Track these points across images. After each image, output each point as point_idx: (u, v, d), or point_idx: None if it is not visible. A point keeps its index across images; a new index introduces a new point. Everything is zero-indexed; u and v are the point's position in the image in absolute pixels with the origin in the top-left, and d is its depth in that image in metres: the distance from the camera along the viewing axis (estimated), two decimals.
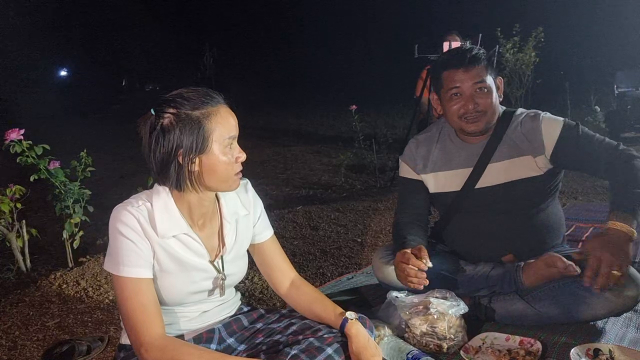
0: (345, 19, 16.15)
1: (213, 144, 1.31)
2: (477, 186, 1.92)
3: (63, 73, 15.44)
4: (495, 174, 1.90)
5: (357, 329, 1.43)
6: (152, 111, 1.31)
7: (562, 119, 1.88)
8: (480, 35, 4.58)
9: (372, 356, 1.42)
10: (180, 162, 1.31)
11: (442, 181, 2.00)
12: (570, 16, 11.42)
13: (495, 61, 1.95)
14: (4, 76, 11.46)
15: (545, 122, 1.87)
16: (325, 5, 15.90)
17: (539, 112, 1.91)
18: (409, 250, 1.76)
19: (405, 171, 2.08)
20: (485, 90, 1.86)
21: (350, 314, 1.45)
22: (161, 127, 1.29)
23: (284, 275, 1.59)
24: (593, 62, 10.59)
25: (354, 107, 4.96)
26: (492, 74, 1.89)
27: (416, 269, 1.68)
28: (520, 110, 1.96)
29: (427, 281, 1.70)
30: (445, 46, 4.30)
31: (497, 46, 6.24)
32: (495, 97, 1.89)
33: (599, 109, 7.46)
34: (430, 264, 1.68)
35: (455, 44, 4.29)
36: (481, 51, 1.89)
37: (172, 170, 1.32)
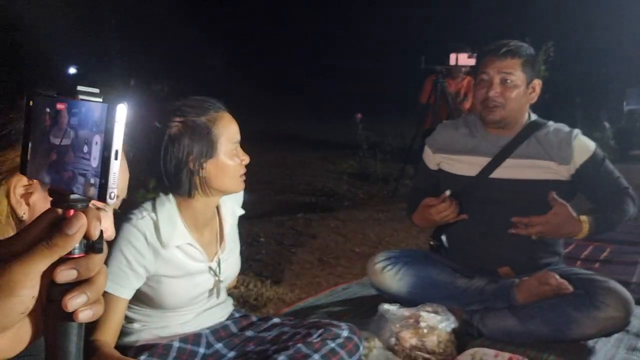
0: (353, 27, 16.23)
1: (221, 148, 1.35)
2: (492, 175, 1.93)
3: (72, 70, 15.58)
4: (514, 169, 1.91)
5: None
6: (157, 123, 1.34)
7: (594, 144, 1.91)
8: None
9: None
10: (191, 168, 1.34)
11: (458, 165, 2.01)
12: (581, 32, 11.40)
13: (537, 66, 1.97)
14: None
15: (579, 139, 1.90)
16: (332, 12, 16.01)
17: (573, 128, 1.94)
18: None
19: (427, 155, 2.13)
20: (510, 83, 1.86)
21: None
22: (170, 136, 1.33)
23: None
24: (603, 78, 10.55)
25: (359, 115, 4.99)
26: (527, 72, 1.88)
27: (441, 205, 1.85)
28: (552, 122, 1.98)
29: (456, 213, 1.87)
30: (452, 59, 4.33)
31: None
32: (521, 95, 1.88)
33: (608, 125, 7.40)
34: (449, 191, 1.85)
35: (462, 57, 4.31)
36: (524, 48, 1.89)
37: (184, 177, 1.34)
